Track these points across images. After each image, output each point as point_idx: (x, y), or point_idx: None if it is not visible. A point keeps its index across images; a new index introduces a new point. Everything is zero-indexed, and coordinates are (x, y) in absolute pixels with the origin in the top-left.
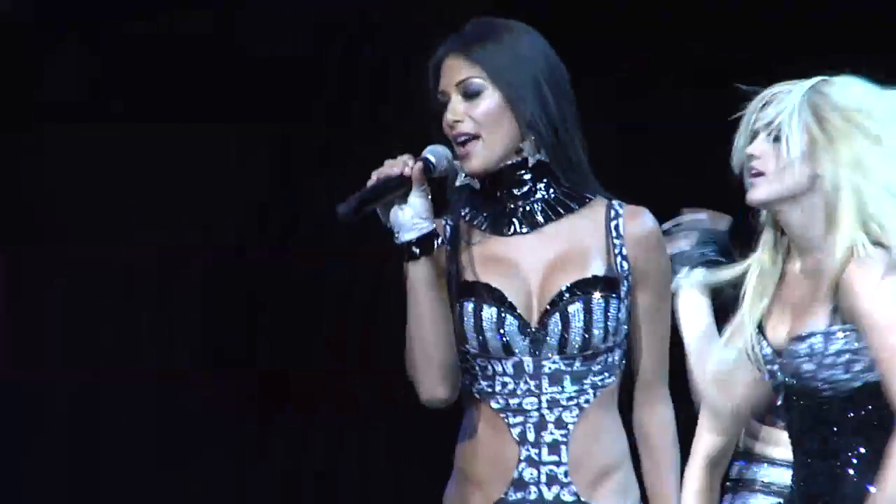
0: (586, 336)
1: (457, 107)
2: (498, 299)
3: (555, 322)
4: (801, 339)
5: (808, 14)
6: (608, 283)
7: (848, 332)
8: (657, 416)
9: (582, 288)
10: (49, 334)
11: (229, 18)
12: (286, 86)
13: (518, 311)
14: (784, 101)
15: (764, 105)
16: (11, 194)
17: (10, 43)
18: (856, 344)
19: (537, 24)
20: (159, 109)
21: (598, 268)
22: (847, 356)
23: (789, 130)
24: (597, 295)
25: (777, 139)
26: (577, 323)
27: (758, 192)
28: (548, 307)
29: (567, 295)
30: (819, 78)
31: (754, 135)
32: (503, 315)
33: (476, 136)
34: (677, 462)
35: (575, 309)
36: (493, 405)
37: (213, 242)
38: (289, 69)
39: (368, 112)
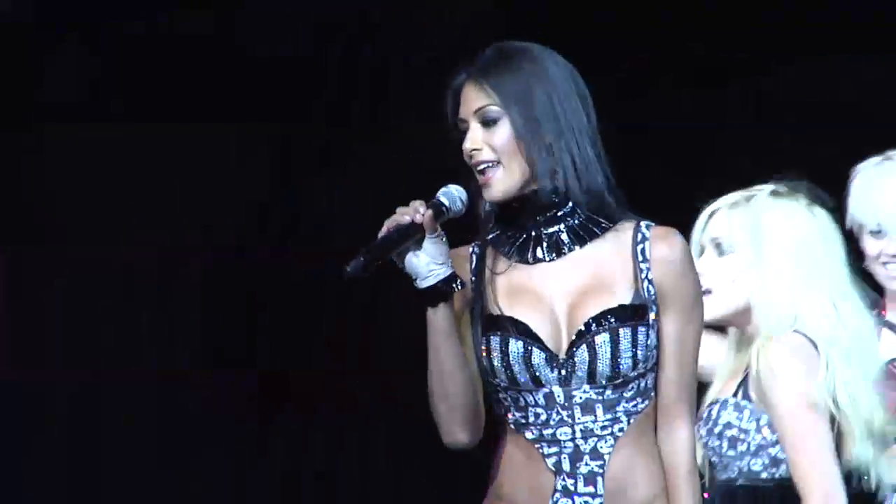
0: (615, 366)
1: (475, 135)
2: (524, 332)
3: (582, 353)
4: (711, 404)
5: (808, 14)
6: (636, 311)
7: (742, 408)
8: (675, 435)
9: (609, 318)
10: (49, 334)
11: (229, 18)
12: (286, 86)
13: (545, 342)
14: (730, 217)
15: (709, 218)
16: (11, 194)
17: (10, 43)
18: (745, 423)
19: (537, 24)
20: (159, 109)
21: (624, 296)
22: (734, 430)
23: (734, 247)
24: (624, 324)
25: (722, 253)
26: (604, 353)
27: (707, 313)
28: (574, 338)
29: (594, 325)
30: (765, 191)
31: (702, 250)
32: (530, 348)
33: (496, 163)
34: (695, 482)
35: (602, 340)
36: (528, 435)
37: (213, 242)
38: (289, 69)
39: (368, 112)
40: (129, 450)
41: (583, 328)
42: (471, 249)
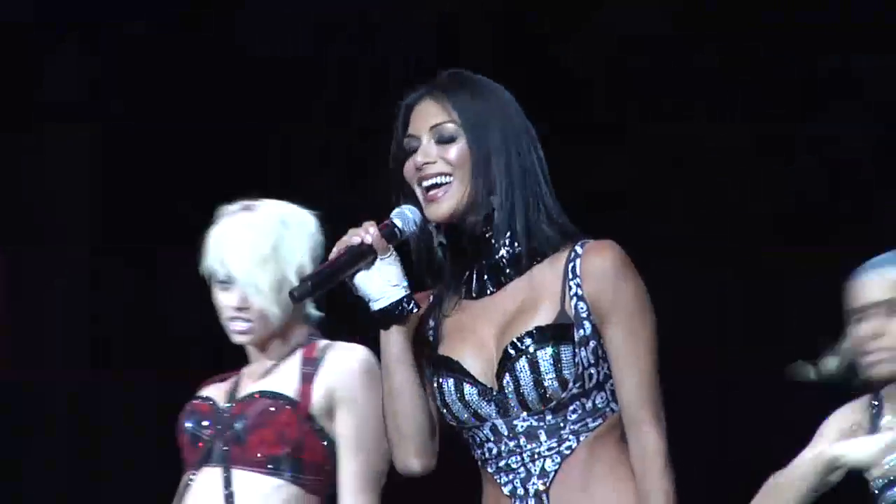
0: (540, 390)
1: (429, 149)
2: (455, 370)
3: (507, 382)
4: None
5: (808, 14)
6: (557, 331)
7: None
8: (642, 442)
9: (524, 342)
10: (49, 334)
11: (229, 18)
12: (286, 86)
13: (476, 377)
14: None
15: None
16: (11, 194)
17: (10, 43)
18: None
19: (537, 24)
20: (159, 109)
21: (543, 318)
22: None
23: None
24: (543, 346)
25: None
26: (526, 379)
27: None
28: (498, 368)
29: (512, 352)
30: None
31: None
32: (461, 385)
33: (448, 176)
34: (666, 487)
35: (521, 365)
36: (489, 470)
37: None
38: (289, 69)
39: (368, 112)
40: (129, 450)
41: (503, 357)
42: (432, 294)
